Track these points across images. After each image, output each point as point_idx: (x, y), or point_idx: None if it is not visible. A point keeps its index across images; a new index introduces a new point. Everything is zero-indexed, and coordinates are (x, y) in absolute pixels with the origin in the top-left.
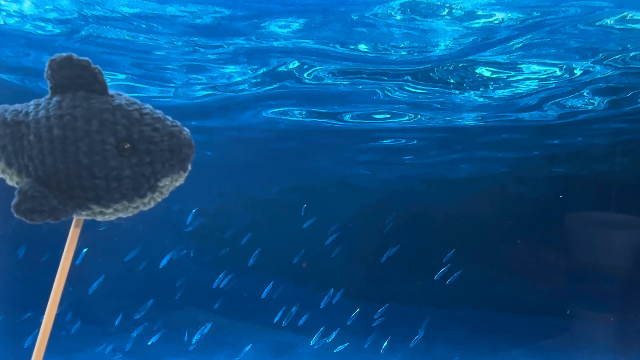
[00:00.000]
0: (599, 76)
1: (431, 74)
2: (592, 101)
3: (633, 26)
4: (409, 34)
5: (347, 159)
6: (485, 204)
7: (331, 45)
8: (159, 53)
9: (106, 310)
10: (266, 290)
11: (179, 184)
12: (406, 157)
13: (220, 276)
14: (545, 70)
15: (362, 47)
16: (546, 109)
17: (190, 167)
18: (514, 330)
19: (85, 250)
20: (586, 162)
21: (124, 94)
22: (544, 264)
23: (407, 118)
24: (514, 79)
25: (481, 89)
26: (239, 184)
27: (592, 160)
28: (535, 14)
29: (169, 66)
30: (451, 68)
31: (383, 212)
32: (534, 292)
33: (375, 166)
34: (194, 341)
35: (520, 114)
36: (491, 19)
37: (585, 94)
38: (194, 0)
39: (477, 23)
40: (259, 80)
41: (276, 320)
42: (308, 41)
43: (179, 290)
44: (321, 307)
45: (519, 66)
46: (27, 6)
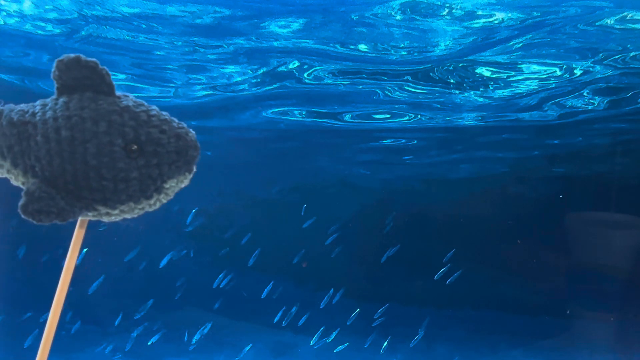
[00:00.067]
0: (599, 76)
1: (431, 74)
2: (592, 101)
3: (633, 26)
4: (409, 34)
5: (347, 159)
6: (485, 204)
7: (331, 45)
8: (159, 53)
9: (106, 310)
10: (266, 290)
11: (184, 185)
12: (406, 157)
13: (220, 276)
14: (545, 70)
15: (362, 47)
16: (546, 109)
17: (195, 169)
18: (514, 330)
19: (85, 250)
20: (586, 162)
21: (130, 95)
22: (544, 264)
23: (407, 118)
24: (514, 79)
25: (481, 89)
26: (239, 184)
27: (592, 160)
28: (535, 14)
29: (169, 66)
30: (451, 68)
31: (383, 212)
32: (534, 292)
33: (375, 166)
34: (194, 341)
35: (520, 114)
36: (491, 19)
37: (585, 94)
38: (194, 0)
39: (477, 23)
40: (259, 80)
41: (276, 320)
42: (308, 41)
43: (179, 290)
44: (321, 307)
45: (519, 66)
46: (27, 6)
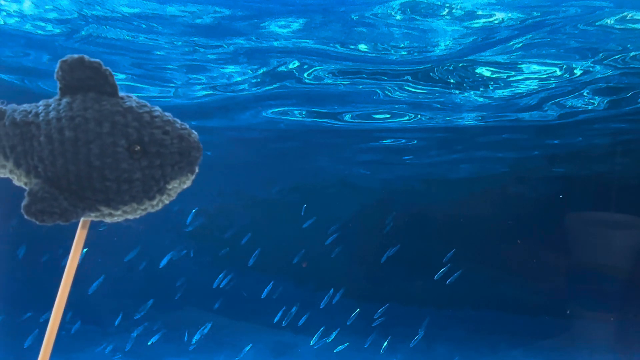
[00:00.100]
0: (599, 76)
1: (431, 74)
2: (592, 101)
3: (633, 26)
4: (409, 34)
5: (347, 159)
6: (485, 204)
7: (331, 45)
8: (159, 53)
9: (106, 310)
10: (266, 290)
11: (186, 186)
12: (406, 157)
13: (220, 276)
14: (545, 70)
15: (362, 47)
16: (546, 109)
17: (197, 170)
18: (514, 330)
19: (85, 250)
20: (586, 162)
21: (133, 96)
22: (544, 264)
23: (407, 118)
24: (514, 78)
25: (481, 89)
26: (239, 184)
27: (592, 160)
28: (535, 14)
29: (169, 66)
30: (451, 68)
31: (383, 212)
32: (534, 292)
33: (375, 166)
34: (194, 341)
35: (520, 114)
36: (491, 19)
37: (585, 94)
38: (194, 0)
39: (477, 23)
40: (259, 80)
41: (276, 320)
42: (308, 41)
43: (179, 290)
44: (321, 307)
45: (519, 66)
46: (27, 6)
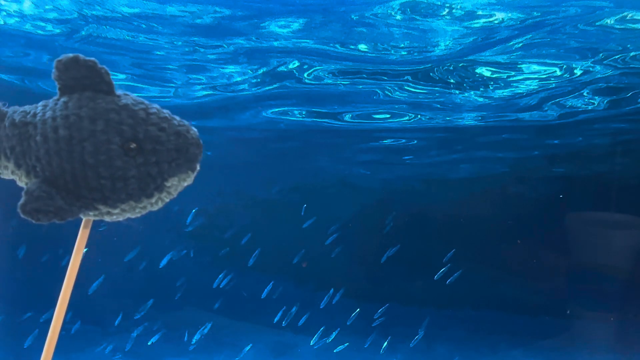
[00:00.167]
0: (599, 76)
1: (431, 74)
2: (592, 101)
3: (633, 26)
4: (409, 34)
5: (347, 159)
6: (485, 204)
7: (331, 45)
8: (159, 53)
9: (106, 310)
10: (266, 290)
11: (187, 184)
12: (406, 157)
13: (220, 276)
14: (545, 70)
15: (362, 47)
16: (546, 109)
17: (198, 167)
18: (514, 330)
19: (86, 250)
20: (586, 162)
21: (130, 94)
22: (544, 264)
23: (407, 118)
24: (514, 78)
25: (481, 89)
26: (239, 184)
27: (592, 160)
28: (535, 14)
29: (169, 66)
30: (451, 68)
31: (383, 212)
32: (534, 292)
33: (375, 166)
34: (194, 341)
35: (520, 114)
36: (491, 19)
37: (585, 94)
38: (194, 0)
39: (477, 23)
40: (259, 80)
41: (276, 320)
42: (308, 41)
43: (179, 290)
44: (321, 307)
45: (519, 66)
46: (27, 6)
